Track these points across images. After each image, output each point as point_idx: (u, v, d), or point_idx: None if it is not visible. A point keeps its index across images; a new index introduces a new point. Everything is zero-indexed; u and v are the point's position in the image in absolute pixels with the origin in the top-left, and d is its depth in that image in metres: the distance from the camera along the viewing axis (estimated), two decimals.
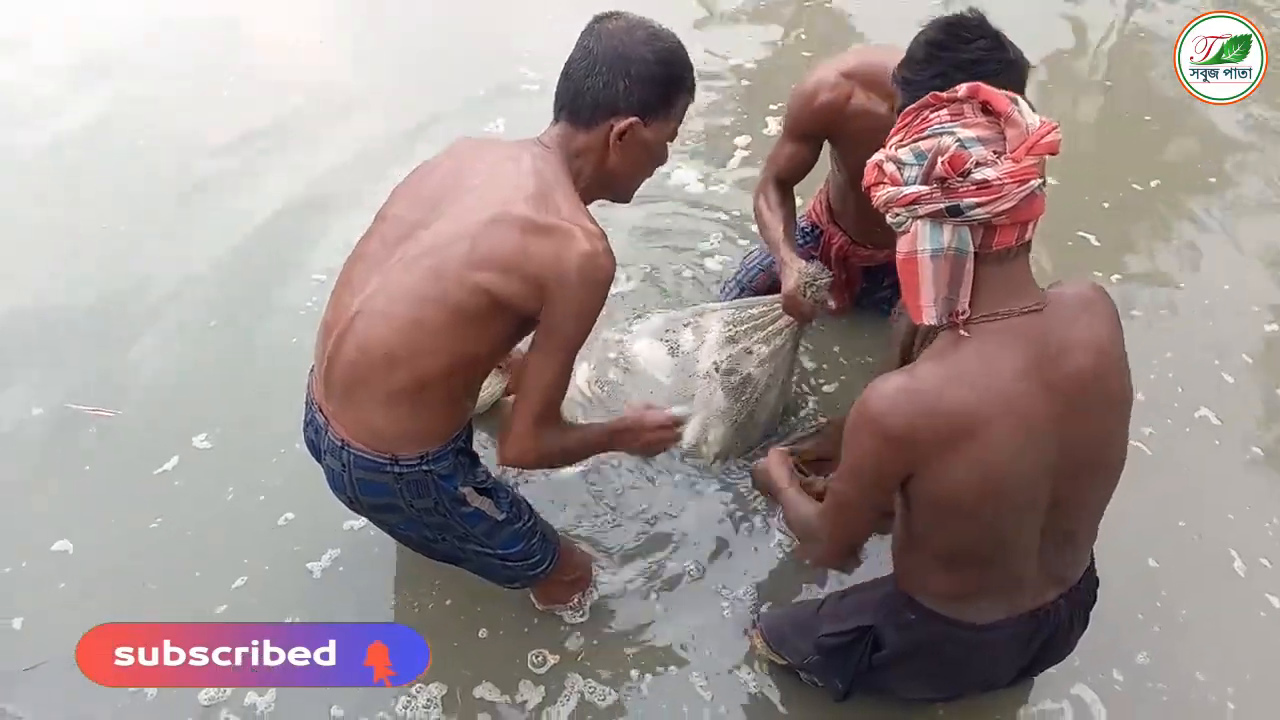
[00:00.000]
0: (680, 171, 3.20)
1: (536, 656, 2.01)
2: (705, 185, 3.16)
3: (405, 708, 1.92)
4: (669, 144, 1.67)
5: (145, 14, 4.03)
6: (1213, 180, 3.19)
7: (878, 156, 1.36)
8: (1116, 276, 2.80)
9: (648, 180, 1.72)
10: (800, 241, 2.50)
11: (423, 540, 1.77)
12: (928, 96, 1.34)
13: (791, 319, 2.17)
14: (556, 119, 1.62)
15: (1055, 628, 1.60)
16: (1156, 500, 2.25)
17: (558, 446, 1.68)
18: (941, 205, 1.27)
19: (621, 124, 1.56)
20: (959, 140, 1.26)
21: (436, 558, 1.85)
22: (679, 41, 1.59)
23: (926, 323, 1.34)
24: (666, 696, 1.96)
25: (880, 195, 1.34)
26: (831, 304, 2.14)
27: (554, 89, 1.60)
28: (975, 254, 1.30)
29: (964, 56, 1.60)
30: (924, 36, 1.67)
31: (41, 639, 2.02)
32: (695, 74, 1.62)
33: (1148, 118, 3.46)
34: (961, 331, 1.34)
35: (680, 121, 1.65)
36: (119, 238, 2.97)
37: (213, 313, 2.74)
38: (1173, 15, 3.94)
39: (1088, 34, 3.83)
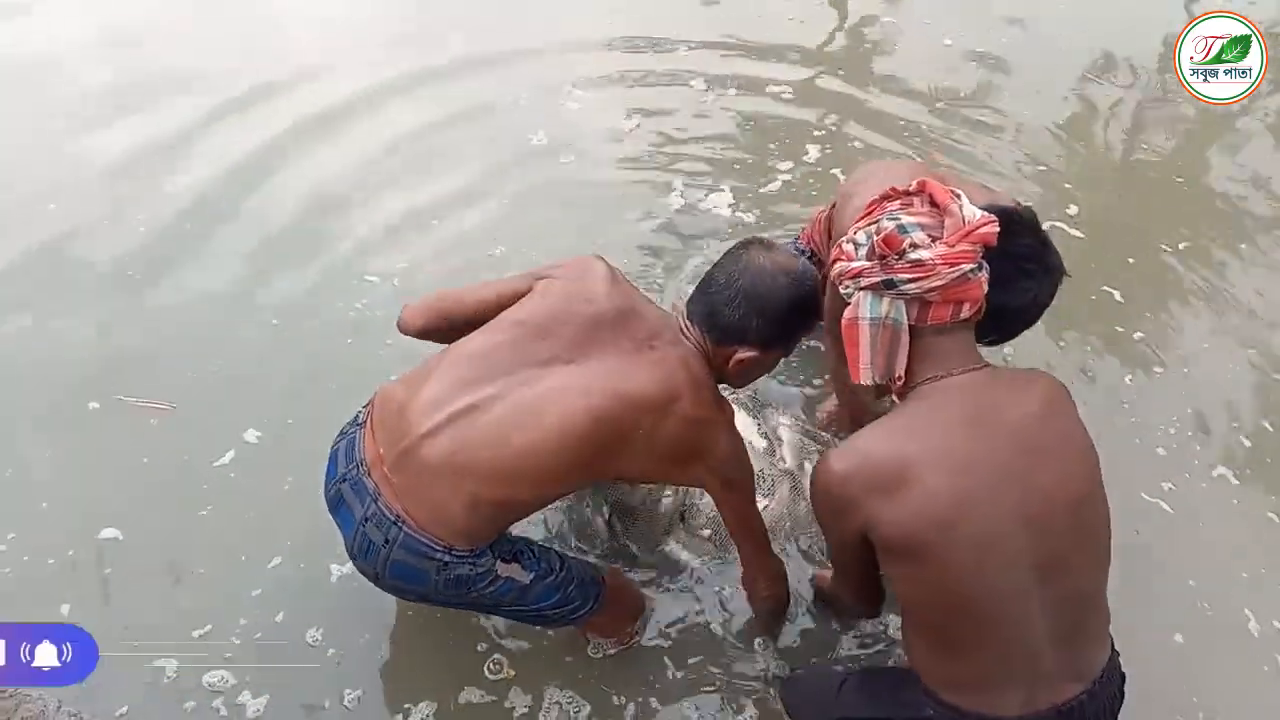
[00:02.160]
0: (717, 195, 3.25)
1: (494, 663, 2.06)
2: (736, 210, 3.20)
3: None
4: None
5: None
6: (1242, 246, 3.21)
7: (843, 238, 1.56)
8: (1139, 334, 2.85)
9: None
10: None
11: (443, 603, 1.78)
12: (888, 189, 1.57)
13: None
14: (693, 319, 1.75)
15: None
16: (1175, 557, 2.29)
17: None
18: (879, 279, 1.46)
19: (744, 355, 1.71)
20: (900, 225, 1.46)
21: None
22: (813, 284, 1.72)
23: (864, 382, 1.51)
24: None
25: (835, 269, 1.55)
26: None
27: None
28: (912, 327, 1.48)
29: (1009, 248, 1.61)
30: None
31: (85, 626, 2.00)
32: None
33: (1179, 179, 3.51)
34: (894, 397, 1.55)
35: (798, 343, 1.84)
36: (168, 231, 3.04)
37: (262, 311, 2.80)
38: None
39: (1117, 94, 3.89)
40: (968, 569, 1.41)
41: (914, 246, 1.44)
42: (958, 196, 1.50)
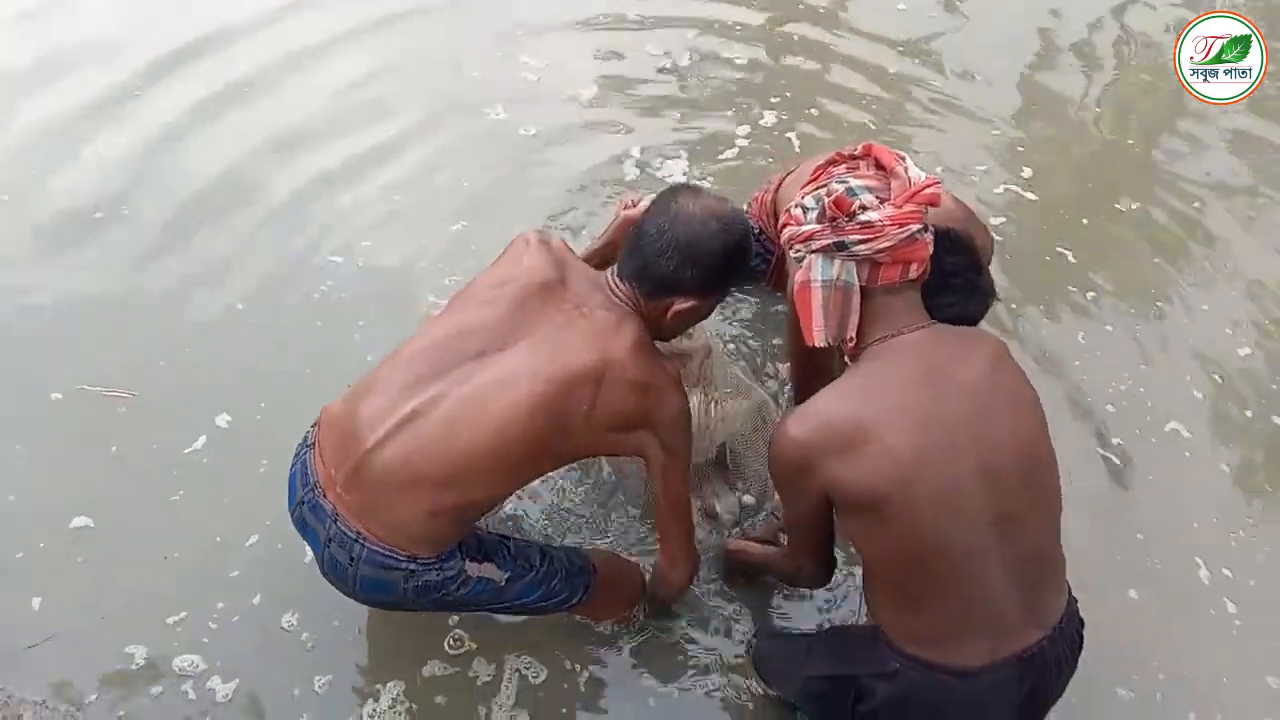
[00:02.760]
0: (673, 163, 3.26)
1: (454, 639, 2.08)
2: (692, 178, 3.20)
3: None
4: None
5: None
6: (1196, 205, 3.28)
7: (791, 203, 1.59)
8: (1091, 294, 2.91)
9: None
10: None
11: (419, 608, 1.78)
12: (833, 154, 1.63)
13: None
14: (625, 274, 1.70)
15: (1041, 672, 1.58)
16: (1124, 508, 2.37)
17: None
18: (830, 241, 1.50)
19: (681, 306, 1.68)
20: (849, 188, 1.51)
21: None
22: (746, 228, 1.70)
23: (816, 344, 1.55)
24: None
25: (785, 234, 1.59)
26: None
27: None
28: (862, 288, 1.52)
29: (940, 263, 1.66)
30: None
31: (58, 617, 2.07)
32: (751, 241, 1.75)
33: (1130, 141, 3.57)
34: (846, 359, 1.59)
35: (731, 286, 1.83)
36: (124, 222, 2.98)
37: (224, 294, 2.78)
38: (1161, 40, 4.04)
39: (1073, 58, 3.93)
40: (928, 524, 1.45)
41: (863, 208, 1.48)
42: (903, 159, 1.54)
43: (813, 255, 1.53)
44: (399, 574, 1.61)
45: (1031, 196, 3.20)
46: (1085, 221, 3.15)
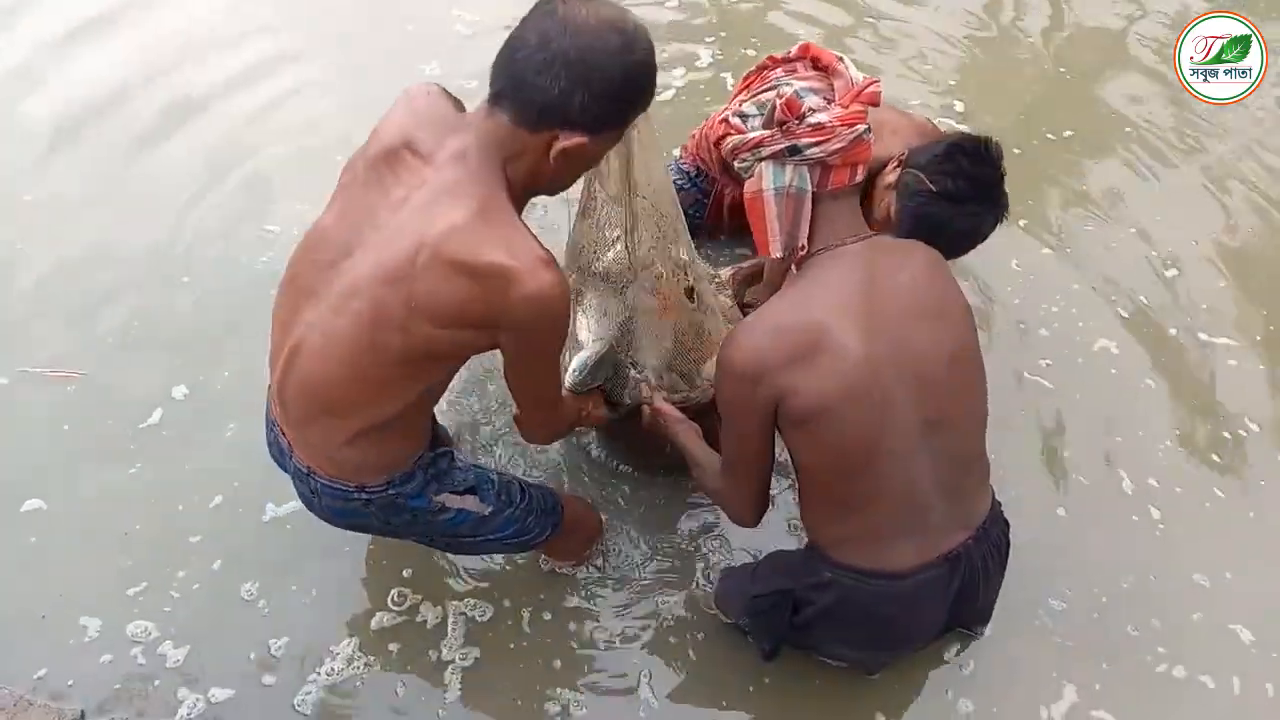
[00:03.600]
0: None
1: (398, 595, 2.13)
2: None
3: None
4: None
5: None
6: (1128, 130, 3.33)
7: (722, 113, 1.52)
8: (1024, 221, 2.96)
9: None
10: (680, 184, 2.51)
11: (411, 537, 1.78)
12: (765, 59, 1.55)
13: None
14: (492, 102, 1.36)
15: (970, 573, 1.65)
16: (1056, 429, 2.46)
17: (569, 414, 1.78)
18: (782, 145, 1.45)
19: (567, 142, 1.33)
20: (795, 90, 1.45)
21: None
22: (650, 45, 1.35)
23: (774, 255, 1.50)
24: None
25: (728, 144, 1.51)
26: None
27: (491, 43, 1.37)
28: (813, 194, 1.47)
29: (974, 173, 1.76)
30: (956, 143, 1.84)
31: (15, 599, 2.10)
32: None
33: (1062, 69, 3.60)
34: (794, 268, 1.53)
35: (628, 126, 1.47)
36: (60, 200, 2.98)
37: (168, 267, 2.78)
38: None
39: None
40: (870, 428, 1.47)
41: (811, 111, 1.44)
42: (840, 58, 1.50)
43: (762, 163, 1.48)
44: (357, 503, 1.59)
45: (964, 129, 3.24)
46: (1017, 151, 3.20)
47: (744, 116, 1.50)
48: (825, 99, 1.45)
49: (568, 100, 1.30)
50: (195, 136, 3.19)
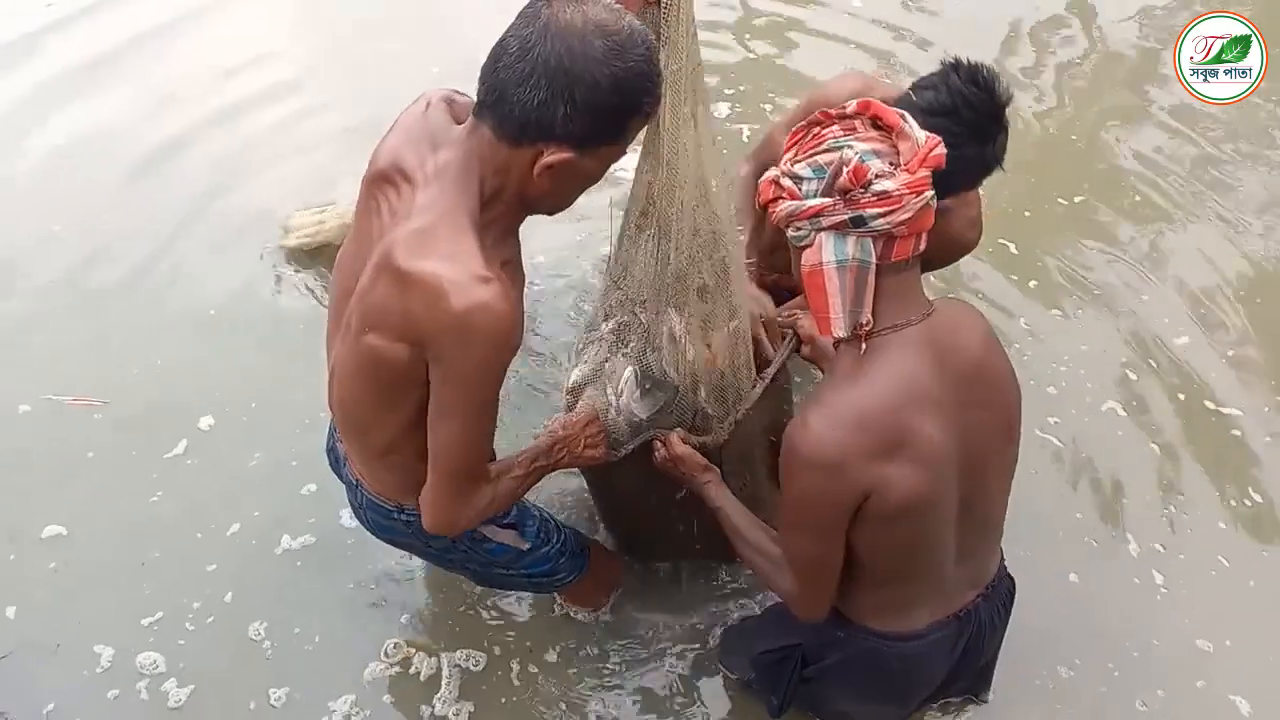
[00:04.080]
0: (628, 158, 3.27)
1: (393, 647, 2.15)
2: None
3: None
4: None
5: None
6: (1137, 198, 3.35)
7: (772, 173, 1.38)
8: (1034, 283, 3.00)
9: None
10: None
11: (448, 566, 1.82)
12: (818, 113, 1.38)
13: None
14: (477, 115, 1.29)
15: (977, 627, 1.66)
16: (1064, 485, 2.49)
17: (485, 503, 1.49)
18: (845, 216, 1.30)
19: (551, 157, 1.25)
20: (859, 155, 1.29)
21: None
22: (646, 50, 1.25)
23: (835, 334, 1.37)
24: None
25: (781, 210, 1.36)
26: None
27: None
28: (876, 265, 1.33)
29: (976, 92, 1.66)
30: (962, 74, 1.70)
31: (31, 626, 2.13)
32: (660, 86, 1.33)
33: (1074, 137, 3.65)
34: (863, 346, 1.38)
35: (632, 140, 1.37)
36: (91, 232, 3.04)
37: (191, 299, 2.84)
38: (1113, 33, 4.13)
39: (1028, 44, 4.00)
40: (941, 524, 1.44)
41: (878, 177, 1.28)
42: (904, 116, 1.33)
43: (822, 234, 1.33)
44: (397, 523, 1.61)
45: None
46: (1028, 214, 3.25)
47: (798, 179, 1.34)
48: (890, 163, 1.30)
49: (549, 113, 1.21)
50: (219, 169, 3.26)
